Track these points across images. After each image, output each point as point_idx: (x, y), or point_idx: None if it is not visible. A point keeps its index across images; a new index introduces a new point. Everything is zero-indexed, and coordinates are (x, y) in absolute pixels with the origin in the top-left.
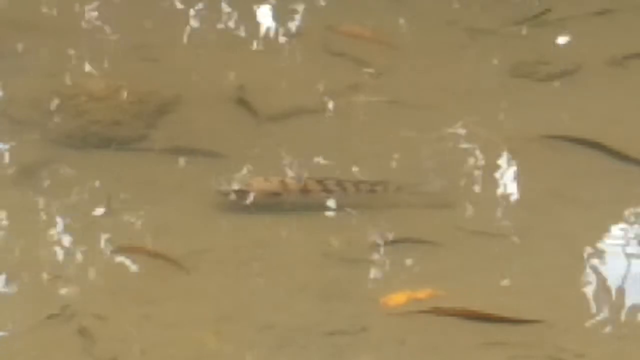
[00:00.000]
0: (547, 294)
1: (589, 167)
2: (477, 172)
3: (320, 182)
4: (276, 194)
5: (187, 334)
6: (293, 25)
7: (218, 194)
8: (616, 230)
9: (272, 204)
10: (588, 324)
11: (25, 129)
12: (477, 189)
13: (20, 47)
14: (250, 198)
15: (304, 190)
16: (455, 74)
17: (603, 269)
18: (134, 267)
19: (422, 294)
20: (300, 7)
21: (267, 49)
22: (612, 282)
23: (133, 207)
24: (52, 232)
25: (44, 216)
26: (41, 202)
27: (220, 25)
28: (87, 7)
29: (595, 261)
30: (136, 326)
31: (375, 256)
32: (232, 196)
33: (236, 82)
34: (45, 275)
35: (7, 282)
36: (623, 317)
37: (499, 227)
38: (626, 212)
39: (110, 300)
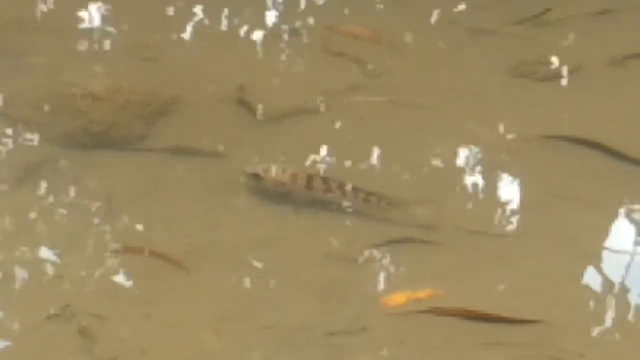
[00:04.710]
0: (547, 294)
1: (589, 167)
2: (477, 172)
3: (325, 181)
4: (284, 185)
5: (187, 334)
6: (293, 25)
7: (242, 174)
8: (616, 230)
9: (279, 193)
10: (588, 324)
11: (25, 129)
12: (477, 189)
13: (20, 47)
14: (263, 183)
15: (309, 187)
16: (455, 74)
17: (603, 269)
18: (134, 267)
19: (422, 294)
20: (300, 7)
21: (267, 49)
22: (612, 282)
23: (133, 207)
24: (52, 232)
25: (44, 216)
26: (41, 202)
27: (220, 25)
28: (87, 7)
29: (595, 261)
30: (136, 326)
31: (375, 256)
32: (251, 178)
33: (236, 82)
34: (45, 275)
35: (7, 282)
36: (623, 317)
37: (499, 227)
38: (626, 212)
39: (110, 300)
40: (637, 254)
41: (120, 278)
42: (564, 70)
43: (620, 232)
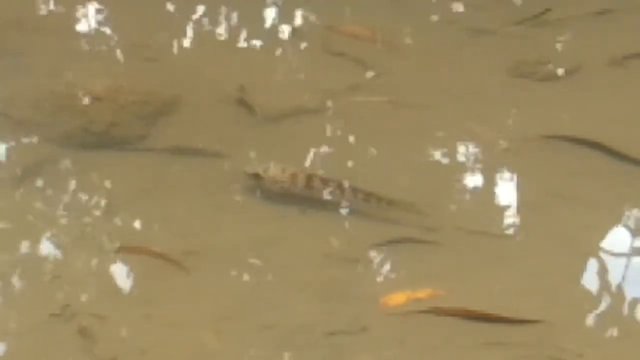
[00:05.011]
0: (547, 294)
1: (589, 167)
2: (477, 172)
3: (324, 181)
4: (283, 184)
5: (187, 334)
6: (293, 25)
7: (242, 174)
8: (616, 230)
9: (278, 193)
10: (588, 324)
11: (25, 129)
12: (477, 189)
13: (20, 47)
14: (263, 183)
15: (308, 187)
16: (455, 74)
17: (603, 269)
18: (134, 267)
19: (422, 294)
20: (300, 7)
21: (267, 49)
22: (612, 282)
23: (133, 207)
24: (52, 232)
25: (44, 216)
26: (41, 202)
27: (220, 25)
28: (87, 7)
29: (595, 261)
30: (136, 326)
31: (375, 256)
32: (251, 178)
33: (236, 82)
34: (45, 275)
35: (8, 282)
36: (623, 317)
37: (499, 227)
38: (626, 212)
39: (110, 300)
40: (636, 254)
41: (120, 278)
42: (564, 70)
43: (620, 232)
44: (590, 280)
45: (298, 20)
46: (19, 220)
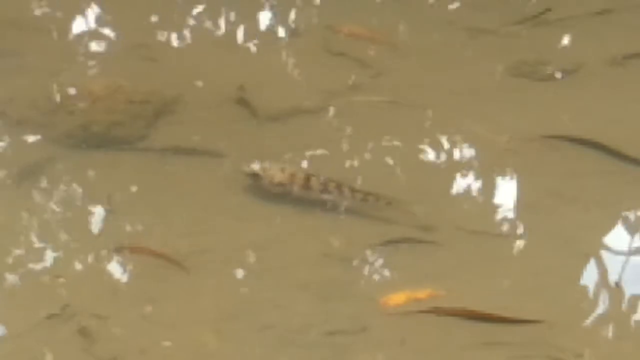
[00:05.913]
0: (547, 294)
1: (589, 167)
2: (476, 172)
3: (323, 181)
4: (282, 185)
5: (187, 334)
6: (293, 25)
7: (241, 174)
8: (616, 230)
9: (278, 193)
10: (588, 324)
11: (25, 129)
12: (477, 188)
13: (20, 47)
14: (262, 182)
15: (307, 187)
16: (455, 74)
17: (603, 269)
18: (134, 267)
19: (422, 294)
20: (300, 7)
21: (267, 49)
22: (612, 282)
23: (133, 206)
24: (52, 231)
25: (44, 216)
26: (41, 202)
27: (220, 25)
28: (87, 7)
29: (595, 261)
30: (136, 326)
31: (375, 256)
32: (250, 177)
33: (236, 82)
34: (45, 275)
35: (7, 282)
36: (623, 317)
37: (499, 227)
38: (626, 212)
39: (110, 300)
40: (636, 254)
41: (120, 278)
42: (564, 70)
43: (620, 232)
44: (590, 280)
45: (298, 20)
46: (18, 220)
